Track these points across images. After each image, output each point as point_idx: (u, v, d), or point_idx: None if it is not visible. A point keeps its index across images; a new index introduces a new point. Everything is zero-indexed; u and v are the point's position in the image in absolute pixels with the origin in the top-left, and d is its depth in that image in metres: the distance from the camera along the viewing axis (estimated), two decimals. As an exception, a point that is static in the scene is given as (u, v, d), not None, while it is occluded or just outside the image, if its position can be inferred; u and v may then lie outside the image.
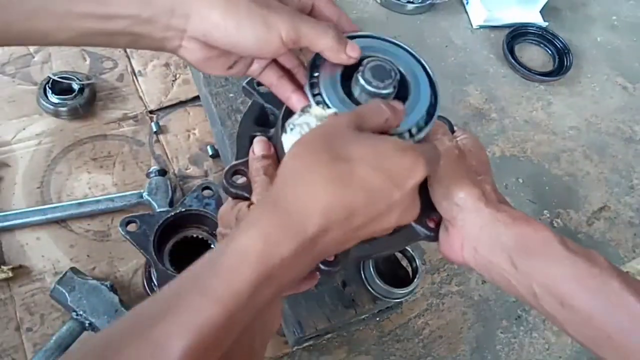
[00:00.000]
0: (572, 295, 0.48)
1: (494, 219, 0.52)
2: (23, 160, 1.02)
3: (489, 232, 0.52)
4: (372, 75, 0.50)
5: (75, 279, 0.84)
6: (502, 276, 0.52)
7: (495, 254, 0.52)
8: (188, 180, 1.05)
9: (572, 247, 0.50)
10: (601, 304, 0.47)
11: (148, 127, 1.10)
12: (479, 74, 1.36)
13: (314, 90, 0.54)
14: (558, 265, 0.49)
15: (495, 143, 1.25)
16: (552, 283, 0.49)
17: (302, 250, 0.40)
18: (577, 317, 0.48)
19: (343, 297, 0.87)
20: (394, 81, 0.51)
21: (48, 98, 1.06)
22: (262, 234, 0.39)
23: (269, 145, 0.58)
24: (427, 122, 0.54)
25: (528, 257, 0.50)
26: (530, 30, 1.46)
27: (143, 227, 0.86)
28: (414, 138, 0.53)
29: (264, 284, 0.39)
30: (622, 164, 1.27)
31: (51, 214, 0.95)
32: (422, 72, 0.57)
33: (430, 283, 1.02)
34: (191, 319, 0.36)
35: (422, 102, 0.55)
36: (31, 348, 0.85)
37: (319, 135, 0.45)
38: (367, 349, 0.94)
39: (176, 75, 1.17)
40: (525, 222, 0.52)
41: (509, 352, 0.98)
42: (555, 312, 0.49)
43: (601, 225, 1.16)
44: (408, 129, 0.52)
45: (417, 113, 0.54)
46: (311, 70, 0.54)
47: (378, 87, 0.50)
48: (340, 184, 0.41)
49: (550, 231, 0.51)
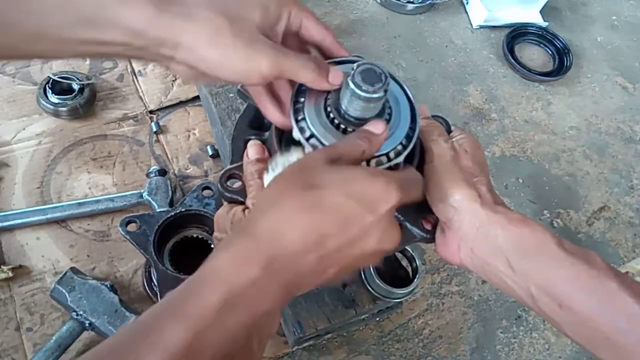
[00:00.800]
0: (569, 296, 0.48)
1: (490, 221, 0.52)
2: (23, 160, 1.02)
3: (485, 234, 0.52)
4: (362, 79, 0.50)
5: (75, 279, 0.84)
6: (499, 278, 0.52)
7: (492, 255, 0.52)
8: (188, 180, 1.05)
9: (569, 248, 0.50)
10: (599, 305, 0.47)
11: (148, 127, 1.10)
12: (479, 74, 1.36)
13: (298, 116, 0.54)
14: (555, 267, 0.49)
15: (495, 143, 1.25)
16: (550, 284, 0.49)
17: (271, 274, 0.41)
18: (574, 318, 0.48)
19: (343, 297, 0.87)
20: (384, 85, 0.50)
21: (48, 98, 1.06)
22: (231, 256, 0.41)
23: (263, 148, 0.59)
24: (405, 145, 0.55)
25: (525, 259, 0.50)
26: (530, 30, 1.46)
27: (143, 227, 0.86)
28: (392, 162, 0.54)
29: (232, 305, 0.39)
30: (622, 164, 1.27)
31: (51, 214, 0.95)
32: (404, 96, 0.58)
33: (430, 283, 1.02)
34: (161, 340, 0.37)
35: (401, 126, 0.55)
36: (31, 348, 0.85)
37: (295, 168, 0.47)
38: (367, 349, 0.94)
39: (176, 75, 1.17)
40: (522, 223, 0.52)
41: (508, 352, 0.98)
42: (552, 314, 0.49)
43: (601, 225, 1.16)
44: (386, 153, 0.53)
45: (396, 138, 0.54)
46: (297, 96, 0.55)
47: (368, 91, 0.50)
48: (310, 210, 0.42)
49: (547, 232, 0.51)
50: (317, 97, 0.55)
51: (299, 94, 0.55)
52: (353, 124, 0.52)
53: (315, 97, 0.55)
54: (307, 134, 0.54)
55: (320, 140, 0.53)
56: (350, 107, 0.52)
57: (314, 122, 0.53)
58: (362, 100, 0.50)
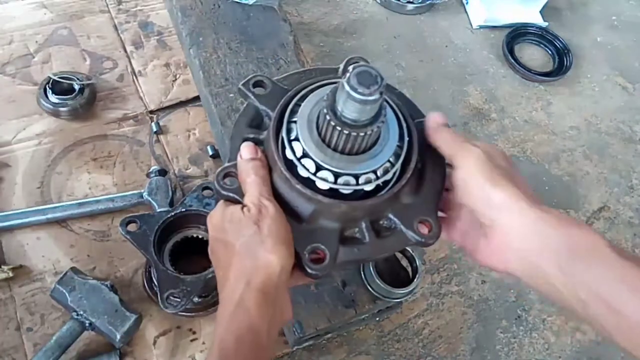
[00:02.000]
0: (620, 299, 0.46)
1: (541, 220, 0.50)
2: (23, 160, 1.02)
3: (535, 234, 0.50)
4: (358, 82, 0.49)
5: (76, 279, 0.84)
6: (548, 282, 0.50)
7: (542, 257, 0.50)
8: (188, 180, 1.05)
9: (621, 251, 0.48)
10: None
11: (148, 127, 1.10)
12: (479, 74, 1.36)
13: (291, 135, 0.55)
14: (606, 269, 0.47)
15: (495, 143, 1.25)
16: (601, 288, 0.47)
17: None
18: (626, 324, 0.46)
19: (343, 297, 0.87)
20: (380, 87, 0.49)
21: (48, 98, 1.06)
22: None
23: (256, 148, 0.59)
24: (393, 163, 0.55)
25: (576, 261, 0.48)
26: (530, 30, 1.46)
27: (143, 227, 0.86)
28: (380, 180, 0.54)
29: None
30: (622, 164, 1.27)
31: (51, 214, 0.95)
32: (391, 113, 0.58)
33: (430, 283, 1.02)
34: None
35: (389, 144, 0.55)
36: (31, 348, 0.85)
37: None
38: (366, 349, 0.94)
39: (176, 75, 1.17)
40: (572, 223, 0.50)
41: (508, 352, 0.98)
42: (603, 319, 0.47)
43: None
44: (373, 170, 0.54)
45: (383, 156, 0.55)
46: (289, 116, 0.56)
47: (364, 93, 0.49)
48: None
49: (598, 235, 0.49)
50: (309, 118, 0.55)
51: (292, 114, 0.56)
52: (349, 127, 0.52)
53: (308, 117, 0.55)
54: (300, 154, 0.55)
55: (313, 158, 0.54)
56: (346, 110, 0.51)
57: (307, 139, 0.54)
58: (358, 102, 0.50)
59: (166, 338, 0.88)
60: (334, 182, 0.55)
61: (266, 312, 0.51)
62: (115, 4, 1.24)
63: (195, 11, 1.10)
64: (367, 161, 0.55)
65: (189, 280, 0.80)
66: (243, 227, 0.54)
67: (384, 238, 0.57)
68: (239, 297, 0.51)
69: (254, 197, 0.55)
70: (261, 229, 0.53)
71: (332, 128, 0.53)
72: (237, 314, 0.50)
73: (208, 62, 1.04)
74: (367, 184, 0.55)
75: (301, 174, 0.56)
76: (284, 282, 0.54)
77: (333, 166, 0.54)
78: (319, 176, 0.55)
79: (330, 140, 0.54)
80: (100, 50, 1.17)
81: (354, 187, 0.55)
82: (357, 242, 0.57)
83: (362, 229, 0.57)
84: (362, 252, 0.57)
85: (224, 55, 1.04)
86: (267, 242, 0.52)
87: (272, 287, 0.52)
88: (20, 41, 1.16)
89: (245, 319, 0.50)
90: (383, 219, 0.58)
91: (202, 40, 1.06)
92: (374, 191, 0.57)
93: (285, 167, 0.56)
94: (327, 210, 0.56)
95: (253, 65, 1.04)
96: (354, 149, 0.54)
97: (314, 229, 0.56)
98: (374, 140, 0.55)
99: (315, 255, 0.55)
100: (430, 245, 0.57)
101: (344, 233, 0.58)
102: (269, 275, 0.52)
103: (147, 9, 1.24)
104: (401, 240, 0.57)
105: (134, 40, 1.19)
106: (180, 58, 1.18)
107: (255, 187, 0.55)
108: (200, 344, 0.88)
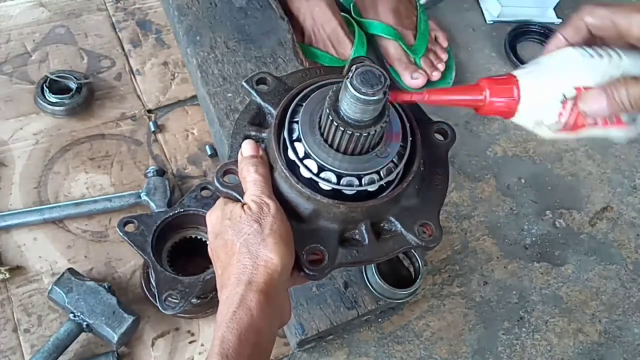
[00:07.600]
0: None
1: None
2: (20, 159, 1.01)
3: None
4: (361, 82, 0.49)
5: (73, 280, 0.84)
6: None
7: None
8: (186, 180, 1.04)
9: None
10: None
11: (146, 126, 1.09)
12: (481, 73, 1.35)
13: (293, 136, 0.55)
14: None
15: (497, 142, 1.24)
16: None
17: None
18: None
19: (345, 298, 0.86)
20: (383, 87, 0.49)
21: (45, 97, 1.05)
22: None
23: (257, 146, 0.58)
24: (397, 164, 0.55)
25: None
26: (533, 28, 1.44)
27: (141, 228, 0.85)
28: (383, 180, 0.55)
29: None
30: (625, 164, 1.26)
31: (48, 214, 0.94)
32: (395, 114, 0.57)
33: (431, 284, 1.01)
34: None
35: (392, 144, 0.55)
36: (29, 349, 0.84)
37: None
38: (367, 350, 0.93)
39: (174, 74, 1.16)
40: None
41: (510, 354, 0.97)
42: None
43: (604, 225, 1.15)
44: (377, 171, 0.54)
45: (387, 157, 0.55)
46: (291, 116, 0.56)
47: (367, 93, 0.49)
48: None
49: None
50: (311, 118, 0.55)
51: (294, 114, 0.56)
52: (352, 127, 0.51)
53: (310, 117, 0.55)
54: (302, 154, 0.54)
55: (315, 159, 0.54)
56: (349, 110, 0.51)
57: (308, 140, 0.54)
58: (361, 102, 0.49)
59: (164, 340, 0.88)
60: (336, 183, 0.54)
61: (268, 312, 0.51)
62: (113, 2, 1.23)
63: (192, 10, 1.09)
64: (370, 161, 0.55)
65: (188, 282, 0.79)
66: (243, 225, 0.53)
67: (384, 240, 0.57)
68: (240, 297, 0.51)
69: (254, 195, 0.54)
70: (262, 227, 0.52)
71: (335, 128, 0.52)
72: (239, 313, 0.50)
73: (205, 62, 1.03)
74: (370, 185, 0.55)
75: (304, 175, 0.55)
76: (284, 282, 0.54)
77: (335, 167, 0.54)
78: (322, 177, 0.54)
79: (332, 140, 0.53)
80: (97, 49, 1.16)
81: (357, 188, 0.55)
82: (357, 244, 0.57)
83: (362, 230, 0.57)
84: (361, 254, 0.57)
85: (221, 55, 1.04)
86: (268, 240, 0.52)
87: (273, 287, 0.52)
88: (18, 40, 1.15)
89: (247, 319, 0.50)
90: (384, 221, 0.58)
91: (199, 40, 1.05)
92: (378, 192, 0.56)
93: (286, 166, 0.55)
94: (327, 210, 0.55)
95: (251, 64, 1.03)
96: (357, 149, 0.54)
97: (314, 229, 0.56)
98: (377, 140, 0.55)
99: (314, 256, 0.55)
100: (431, 249, 0.57)
101: (344, 234, 0.57)
102: (270, 274, 0.51)
103: (145, 7, 1.23)
104: (401, 243, 0.57)
105: (131, 38, 1.18)
106: (179, 56, 1.17)
107: (256, 185, 0.55)
108: (199, 346, 0.88)
